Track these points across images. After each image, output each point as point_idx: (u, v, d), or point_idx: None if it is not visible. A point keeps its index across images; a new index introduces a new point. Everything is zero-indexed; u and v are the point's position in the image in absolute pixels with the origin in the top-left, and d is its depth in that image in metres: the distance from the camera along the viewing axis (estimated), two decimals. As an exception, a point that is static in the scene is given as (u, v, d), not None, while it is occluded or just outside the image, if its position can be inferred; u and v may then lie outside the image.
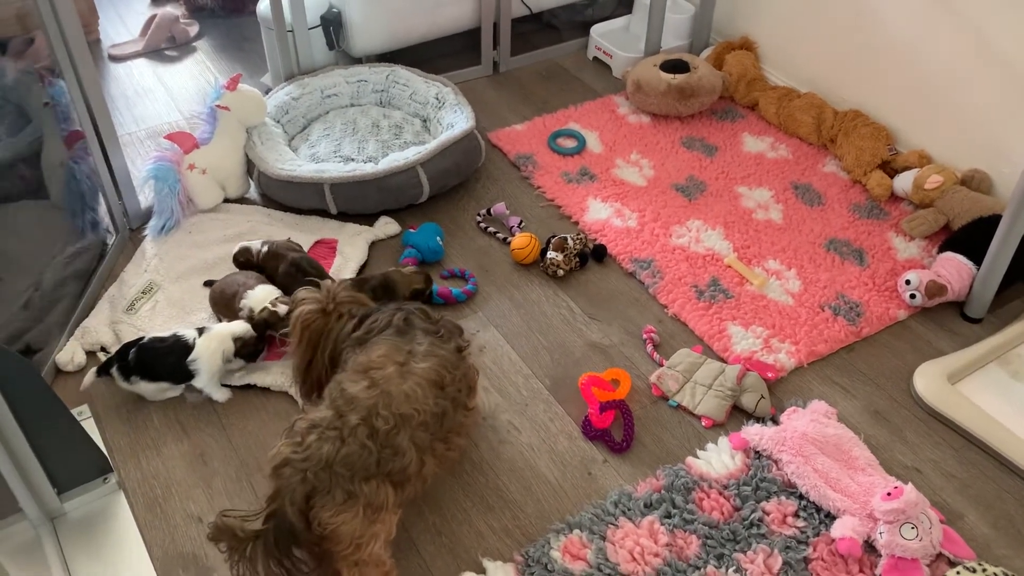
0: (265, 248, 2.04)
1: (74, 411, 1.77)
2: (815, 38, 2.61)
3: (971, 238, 2.08)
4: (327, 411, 1.39)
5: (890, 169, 2.38)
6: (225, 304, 1.95)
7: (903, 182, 2.30)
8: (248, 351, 1.83)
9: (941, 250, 2.11)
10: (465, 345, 1.60)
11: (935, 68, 2.29)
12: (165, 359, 1.76)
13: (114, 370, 1.77)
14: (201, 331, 1.81)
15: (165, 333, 1.81)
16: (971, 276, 2.01)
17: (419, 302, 1.89)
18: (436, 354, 1.48)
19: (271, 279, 2.00)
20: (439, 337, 1.53)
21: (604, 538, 1.58)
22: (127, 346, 1.78)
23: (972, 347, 1.94)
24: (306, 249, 2.16)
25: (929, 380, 1.87)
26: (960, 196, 2.17)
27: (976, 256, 2.02)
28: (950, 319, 2.04)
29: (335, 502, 1.33)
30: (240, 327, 1.82)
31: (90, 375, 1.79)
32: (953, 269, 2.02)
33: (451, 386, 1.48)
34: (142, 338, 1.80)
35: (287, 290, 1.91)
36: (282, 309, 1.83)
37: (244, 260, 2.05)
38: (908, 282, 2.02)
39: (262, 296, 1.88)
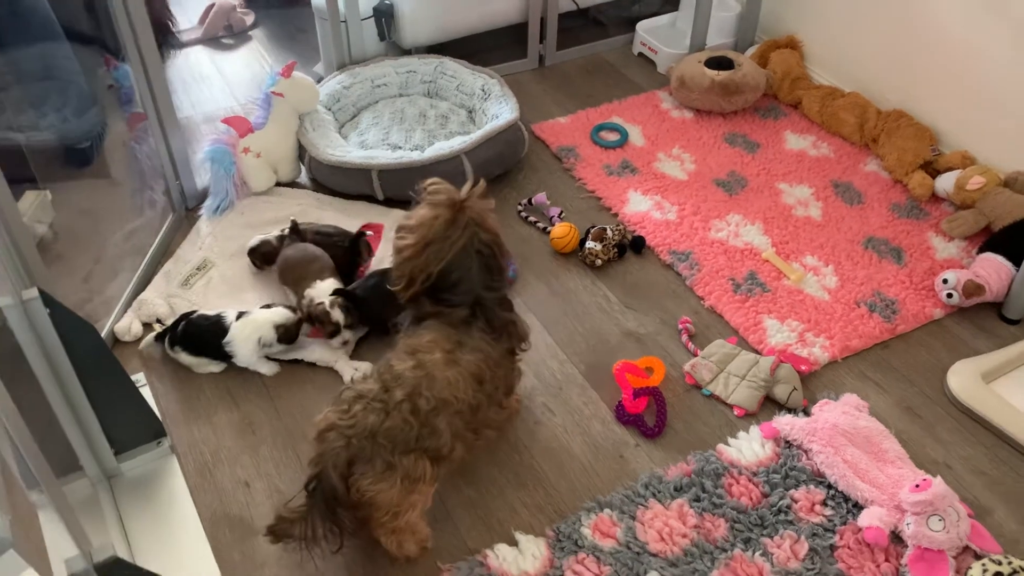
0: (286, 230, 2.10)
1: (131, 378, 1.86)
2: (861, 38, 2.62)
3: (1012, 239, 2.08)
4: (374, 384, 1.45)
5: (932, 170, 2.39)
6: (294, 278, 2.02)
7: (945, 183, 2.30)
8: (292, 336, 1.89)
9: (981, 251, 2.11)
10: (522, 349, 1.64)
11: (982, 69, 2.29)
12: (205, 336, 1.85)
13: (166, 340, 1.86)
14: (241, 315, 1.88)
15: (213, 312, 1.89)
16: (1010, 277, 2.02)
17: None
18: (482, 350, 1.52)
19: None
20: (493, 337, 1.55)
21: (634, 518, 1.62)
22: (182, 316, 1.87)
23: (1008, 347, 1.95)
24: (353, 233, 2.23)
25: (963, 378, 1.88)
26: (1002, 198, 2.17)
27: (1016, 258, 2.02)
28: (987, 319, 2.05)
29: (375, 471, 1.39)
30: (282, 315, 1.88)
31: (149, 337, 1.91)
32: (992, 269, 2.03)
33: (489, 383, 1.53)
34: (194, 312, 1.88)
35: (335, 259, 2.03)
36: (336, 314, 1.89)
37: (266, 251, 2.09)
38: (945, 281, 2.03)
39: (324, 290, 1.93)
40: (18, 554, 0.69)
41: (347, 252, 2.10)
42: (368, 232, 2.20)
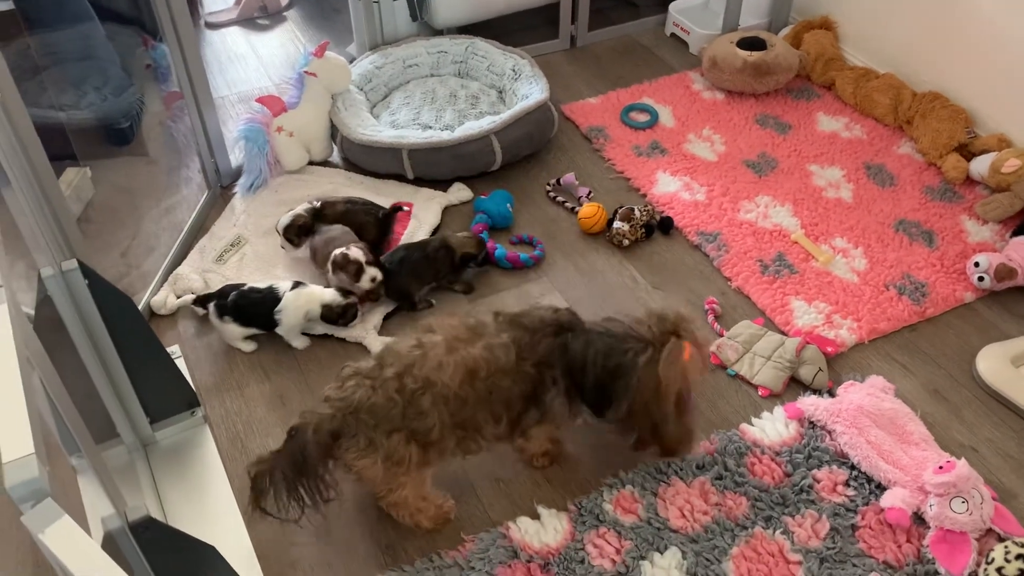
0: (317, 203, 2.14)
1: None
2: (896, 19, 2.58)
3: (1047, 223, 2.05)
4: (372, 361, 1.49)
5: (967, 152, 2.36)
6: (317, 254, 2.08)
7: (980, 165, 2.27)
8: (333, 317, 1.92)
9: (1014, 234, 2.09)
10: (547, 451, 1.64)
11: (1019, 51, 2.25)
12: (257, 308, 1.90)
13: (211, 305, 1.91)
14: (296, 285, 1.92)
15: (262, 284, 1.94)
16: (1043, 261, 1.99)
17: (473, 265, 2.05)
18: (492, 352, 1.47)
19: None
20: (519, 351, 1.49)
21: (655, 494, 1.64)
22: (230, 287, 1.92)
23: (1040, 332, 1.93)
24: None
25: (992, 361, 1.86)
26: (1038, 181, 2.14)
27: (1050, 241, 2.00)
28: (1019, 304, 2.03)
29: (358, 446, 1.43)
30: (331, 295, 1.92)
31: (188, 297, 1.98)
32: (1025, 253, 2.00)
33: (483, 383, 1.46)
34: (243, 284, 1.93)
35: (353, 225, 2.09)
36: (355, 253, 1.96)
37: (300, 224, 2.10)
38: (977, 264, 2.01)
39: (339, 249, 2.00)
40: (56, 503, 0.73)
41: (377, 223, 2.14)
42: (403, 208, 2.23)
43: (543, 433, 1.64)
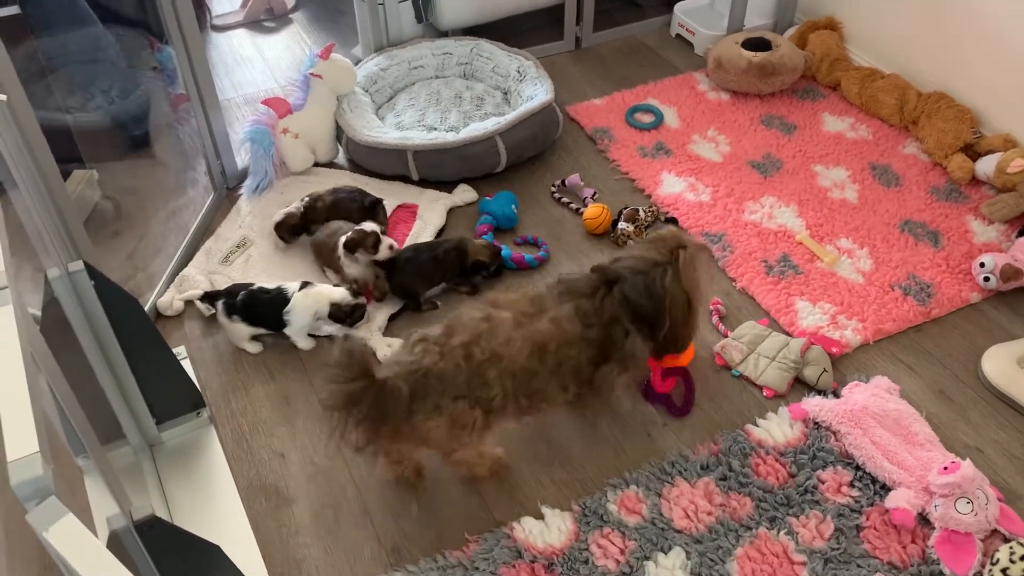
0: (306, 200, 2.16)
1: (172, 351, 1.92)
2: (901, 19, 2.58)
3: (1053, 223, 2.05)
4: (439, 329, 1.53)
5: (973, 152, 2.35)
6: (319, 251, 2.10)
7: (985, 165, 2.27)
8: (342, 316, 1.92)
9: (1020, 235, 2.08)
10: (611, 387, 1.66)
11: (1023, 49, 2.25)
12: (266, 308, 1.90)
13: (220, 304, 1.91)
14: (305, 285, 1.93)
15: (272, 285, 1.94)
16: (1050, 261, 1.99)
17: (485, 274, 2.07)
18: (559, 326, 1.54)
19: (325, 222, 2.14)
20: (583, 319, 1.56)
21: (659, 495, 1.64)
22: (240, 287, 1.93)
23: (1046, 332, 1.93)
24: (388, 213, 2.27)
25: (998, 362, 1.86)
26: (1044, 181, 2.14)
27: (1057, 241, 1.99)
28: (1026, 304, 2.02)
29: (426, 409, 1.47)
30: (340, 293, 1.93)
31: (196, 292, 2.00)
32: (1031, 254, 2.00)
33: (552, 356, 1.53)
34: (253, 284, 1.94)
35: (345, 215, 2.13)
36: (368, 226, 2.00)
37: (292, 224, 2.14)
38: (983, 264, 2.01)
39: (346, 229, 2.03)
40: (60, 501, 0.73)
41: (362, 210, 2.16)
42: (383, 201, 2.24)
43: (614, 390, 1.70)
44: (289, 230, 2.15)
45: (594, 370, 1.60)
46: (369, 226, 2.02)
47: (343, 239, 2.01)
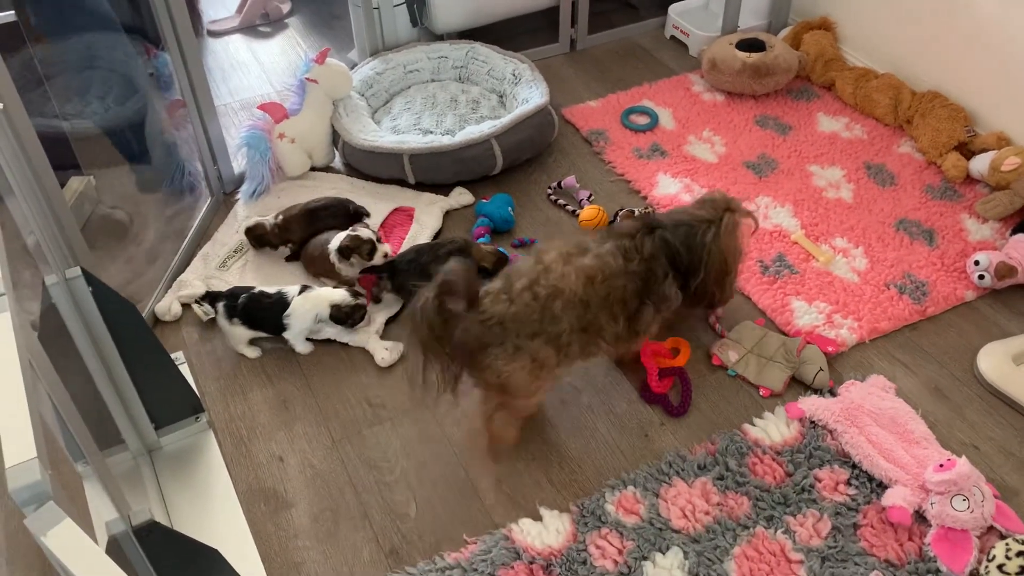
0: (280, 218, 2.16)
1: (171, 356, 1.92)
2: (895, 19, 2.59)
3: (1047, 221, 2.05)
4: (498, 282, 1.62)
5: (967, 151, 2.36)
6: (316, 262, 2.10)
7: (980, 164, 2.27)
8: (342, 317, 1.92)
9: (1014, 232, 2.09)
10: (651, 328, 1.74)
11: (1017, 49, 2.25)
12: (267, 312, 1.91)
13: (221, 306, 1.92)
14: (304, 289, 1.94)
15: (272, 289, 1.95)
16: (1044, 259, 1.99)
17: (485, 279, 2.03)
18: (602, 260, 1.65)
19: (310, 236, 2.14)
20: (625, 255, 1.68)
21: (657, 495, 1.65)
22: (240, 289, 1.94)
23: (1041, 330, 1.93)
24: (384, 216, 2.28)
25: (994, 359, 1.87)
26: (1038, 178, 2.14)
27: (1051, 239, 2.00)
28: (1021, 301, 2.03)
29: (506, 353, 1.55)
30: (339, 295, 1.93)
31: (198, 290, 2.01)
32: (1025, 251, 2.01)
33: (601, 286, 1.63)
34: (254, 288, 1.94)
35: (324, 228, 2.13)
36: (365, 233, 2.02)
37: (259, 234, 2.15)
38: (977, 263, 2.02)
39: (339, 235, 2.04)
40: (58, 506, 0.74)
41: (348, 219, 2.17)
42: (368, 215, 2.26)
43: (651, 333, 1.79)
44: (256, 239, 2.15)
45: (639, 304, 1.70)
46: (365, 233, 2.03)
47: (337, 244, 2.01)
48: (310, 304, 1.91)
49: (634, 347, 1.82)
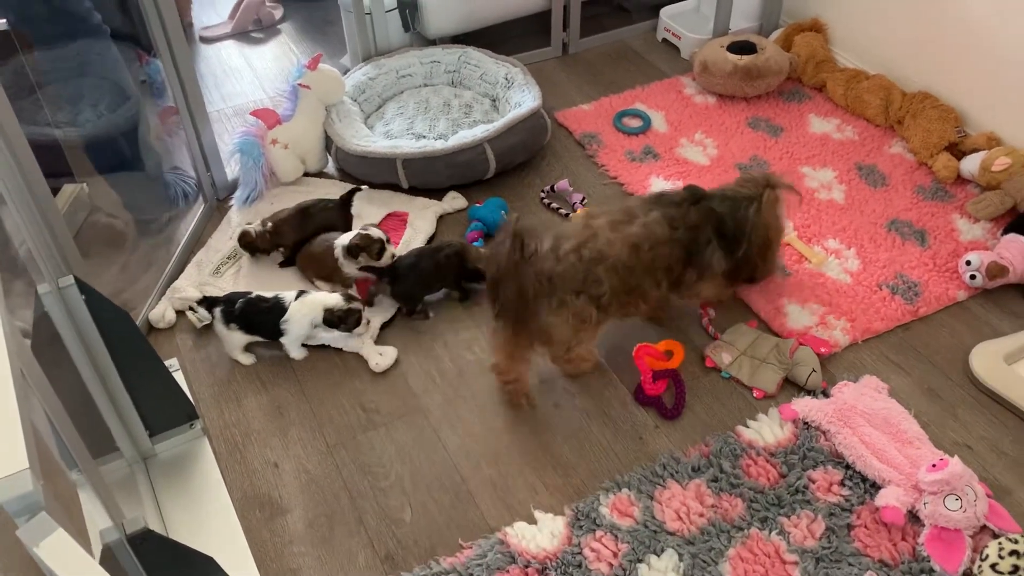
0: (269, 224, 2.16)
1: (164, 363, 1.92)
2: (886, 20, 2.60)
3: (1037, 220, 2.06)
4: (548, 241, 1.72)
5: (958, 151, 2.37)
6: (318, 262, 2.10)
7: (970, 164, 2.28)
8: (335, 321, 1.91)
9: (1005, 232, 2.10)
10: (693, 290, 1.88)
11: (1006, 49, 2.27)
12: (264, 317, 1.91)
13: (218, 311, 1.92)
14: (300, 294, 1.94)
15: (269, 294, 1.95)
16: (1035, 258, 2.00)
17: (478, 281, 2.08)
18: (649, 228, 1.76)
19: (299, 242, 2.16)
20: (670, 223, 1.78)
21: (652, 497, 1.65)
22: (238, 295, 1.94)
23: (1033, 329, 1.94)
24: (378, 221, 2.28)
25: (986, 359, 1.87)
26: (1028, 178, 2.15)
27: (1042, 238, 2.01)
28: (1012, 301, 2.04)
29: (551, 307, 1.69)
30: (333, 299, 1.93)
31: (194, 295, 2.01)
32: (1016, 250, 2.01)
33: (646, 253, 1.75)
34: (251, 293, 1.94)
35: (322, 223, 2.16)
36: (375, 232, 2.05)
37: (248, 242, 2.15)
38: (969, 263, 2.03)
39: (347, 235, 2.07)
40: (50, 516, 0.74)
41: (340, 212, 2.19)
42: (361, 188, 2.28)
43: (700, 292, 1.92)
44: (246, 245, 2.16)
45: (683, 270, 1.82)
46: (376, 232, 2.04)
47: (346, 243, 2.03)
48: (307, 309, 1.91)
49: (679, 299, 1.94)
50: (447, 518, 1.65)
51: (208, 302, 1.96)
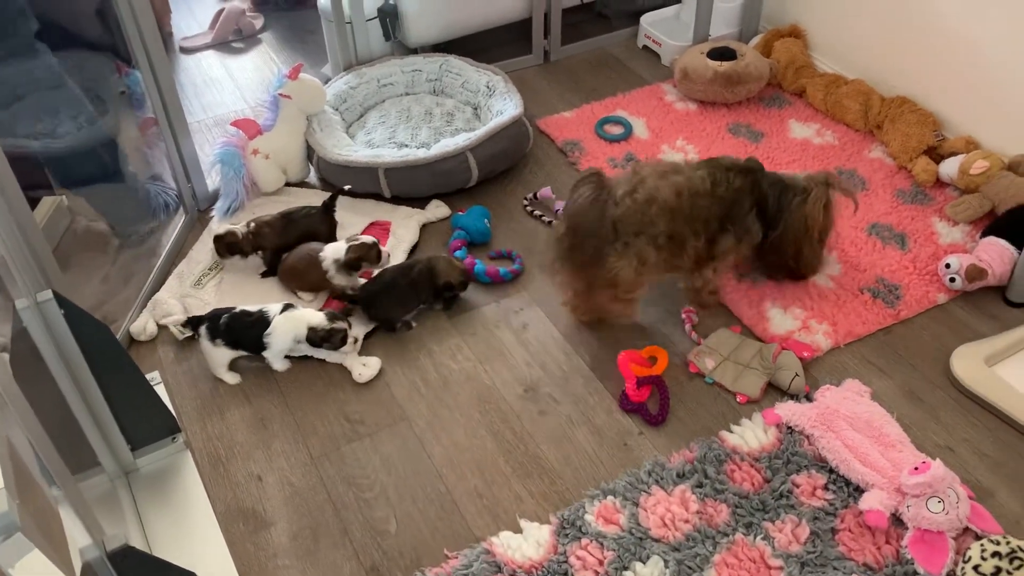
0: (253, 224, 2.15)
1: (146, 376, 1.91)
2: (864, 25, 2.62)
3: (1015, 223, 2.08)
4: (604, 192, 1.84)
5: (937, 155, 2.39)
6: (299, 276, 2.09)
7: (949, 168, 2.30)
8: (317, 340, 1.89)
9: (984, 235, 2.12)
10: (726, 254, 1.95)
11: (984, 54, 2.29)
12: (249, 331, 1.89)
13: (203, 328, 1.90)
14: (286, 308, 1.92)
15: (254, 307, 1.93)
16: (1013, 260, 2.02)
17: (453, 293, 2.08)
18: (692, 180, 1.88)
19: (280, 248, 2.16)
20: (713, 181, 1.88)
21: (637, 504, 1.65)
22: (221, 311, 1.92)
23: (1012, 331, 1.95)
24: (360, 230, 2.28)
25: (967, 361, 1.89)
26: (1006, 182, 2.17)
27: (1019, 241, 2.03)
28: (991, 303, 2.05)
29: (616, 250, 1.82)
30: (317, 318, 1.91)
31: (177, 318, 2.00)
32: (995, 253, 2.03)
33: (687, 201, 1.85)
34: (234, 307, 1.93)
35: (305, 229, 2.17)
36: (367, 239, 2.07)
37: (231, 242, 2.13)
38: (948, 265, 2.04)
39: (336, 247, 2.06)
40: (25, 537, 0.73)
41: (323, 217, 2.20)
42: (344, 190, 2.28)
43: (723, 269, 2.00)
44: (226, 247, 2.14)
45: (719, 229, 1.90)
46: (366, 239, 2.05)
47: (341, 258, 2.03)
48: (291, 324, 1.90)
49: (710, 280, 1.99)
50: (432, 528, 1.64)
51: (193, 322, 1.95)
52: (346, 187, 2.29)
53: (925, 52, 2.45)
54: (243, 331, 1.90)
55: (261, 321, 1.90)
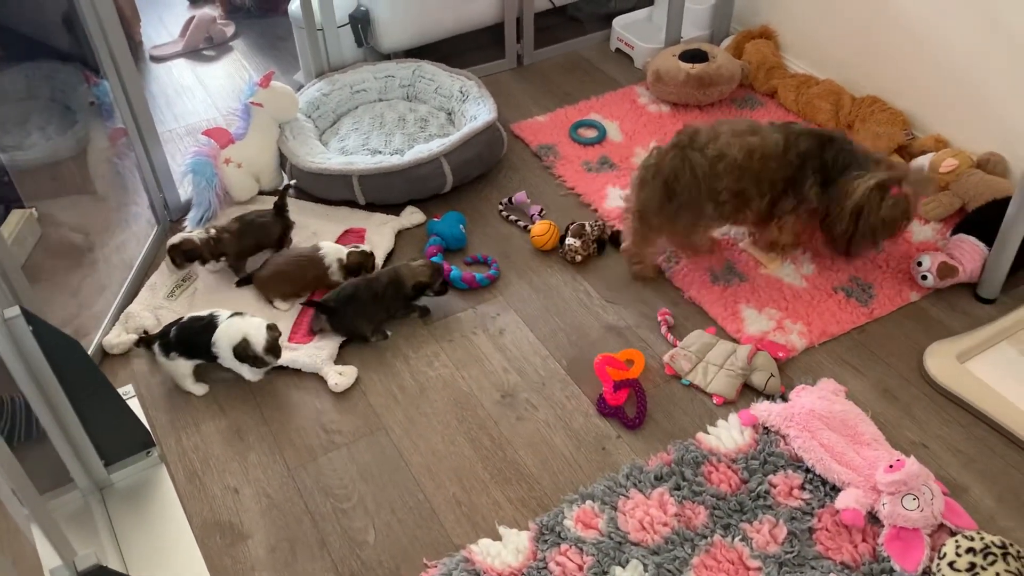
0: (213, 231, 2.14)
1: (120, 390, 1.88)
2: (834, 26, 2.64)
3: (985, 220, 2.10)
4: (673, 139, 1.99)
5: (907, 154, 2.41)
6: (290, 279, 2.09)
7: (919, 166, 2.32)
8: (243, 356, 1.84)
9: (955, 232, 2.14)
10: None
11: (951, 54, 2.32)
12: (199, 337, 1.87)
13: (156, 347, 1.88)
14: (236, 315, 1.89)
15: (203, 312, 1.91)
16: (984, 257, 2.04)
17: (430, 294, 2.06)
18: (766, 141, 1.96)
19: (243, 249, 2.16)
20: (786, 147, 1.97)
21: (615, 508, 1.65)
22: (170, 325, 1.90)
23: (984, 327, 1.97)
24: (335, 238, 2.26)
25: (939, 358, 1.90)
26: (975, 179, 2.20)
27: (990, 238, 2.04)
28: (964, 300, 2.07)
29: (680, 202, 1.96)
30: (254, 328, 1.83)
31: (131, 337, 1.99)
32: (966, 251, 2.05)
33: (757, 162, 1.95)
34: (182, 318, 1.91)
35: (261, 234, 2.18)
36: (365, 247, 2.13)
37: (187, 249, 2.10)
38: (920, 264, 2.06)
39: (335, 247, 2.11)
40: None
41: (277, 218, 2.20)
42: (289, 185, 2.28)
43: (789, 227, 2.05)
44: (183, 255, 2.11)
45: (782, 194, 1.99)
46: (367, 247, 2.10)
47: (348, 254, 2.08)
48: (233, 331, 1.85)
49: (769, 237, 2.09)
50: (411, 537, 1.64)
51: (146, 343, 1.92)
52: (292, 181, 2.28)
53: (894, 52, 2.48)
54: (193, 337, 1.87)
55: (209, 326, 1.86)
